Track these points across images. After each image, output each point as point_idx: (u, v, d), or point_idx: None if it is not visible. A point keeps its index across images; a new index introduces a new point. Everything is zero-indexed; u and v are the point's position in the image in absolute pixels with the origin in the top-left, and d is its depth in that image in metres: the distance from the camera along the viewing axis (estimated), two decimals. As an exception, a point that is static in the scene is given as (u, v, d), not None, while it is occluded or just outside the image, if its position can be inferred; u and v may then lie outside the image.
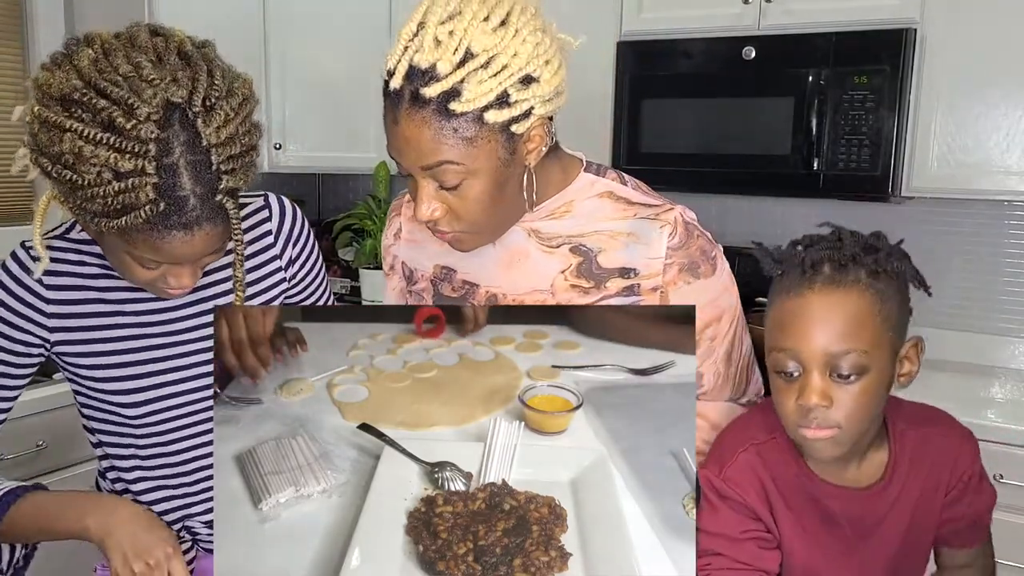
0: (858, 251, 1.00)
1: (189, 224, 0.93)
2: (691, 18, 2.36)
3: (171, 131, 0.90)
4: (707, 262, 1.13)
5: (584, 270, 1.11)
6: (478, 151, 0.98)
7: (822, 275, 0.99)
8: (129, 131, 0.88)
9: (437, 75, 0.94)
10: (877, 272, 0.99)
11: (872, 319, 0.97)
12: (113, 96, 0.89)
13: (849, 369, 0.97)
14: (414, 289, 1.25)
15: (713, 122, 2.34)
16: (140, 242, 0.94)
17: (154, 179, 0.89)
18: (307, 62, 2.82)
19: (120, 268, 1.03)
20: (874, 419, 1.03)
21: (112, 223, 0.91)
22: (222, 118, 0.93)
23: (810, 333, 0.98)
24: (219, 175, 0.93)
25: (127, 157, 0.88)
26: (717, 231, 2.75)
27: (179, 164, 0.91)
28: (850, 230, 1.05)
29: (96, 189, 0.89)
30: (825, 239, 1.04)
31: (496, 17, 0.96)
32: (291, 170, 3.04)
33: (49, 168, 0.91)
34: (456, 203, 1.02)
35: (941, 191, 2.19)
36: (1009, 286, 2.38)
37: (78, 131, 0.88)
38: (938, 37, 2.10)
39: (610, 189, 1.13)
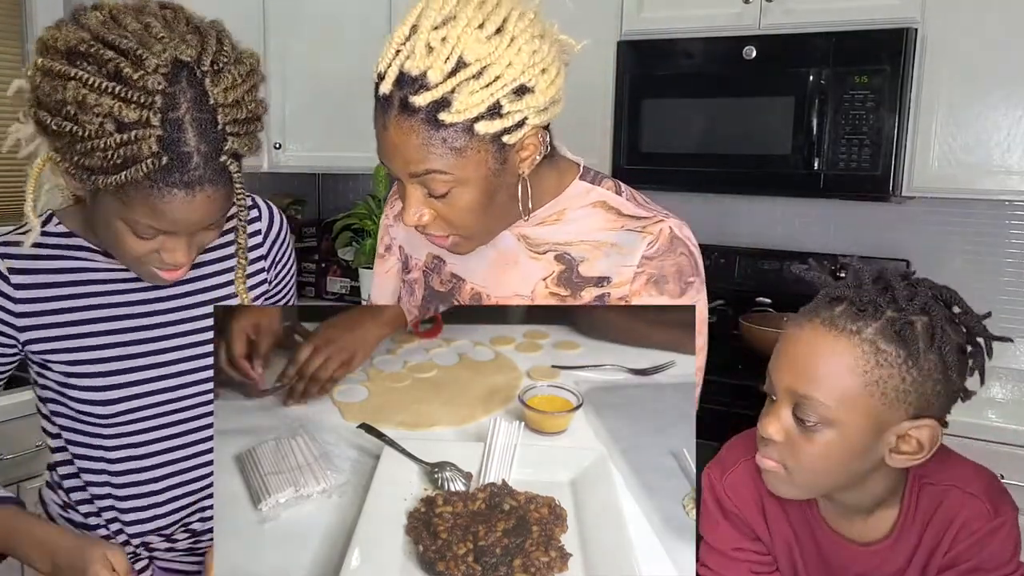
0: (880, 302, 0.90)
1: (191, 183, 0.91)
2: (691, 18, 2.36)
3: (178, 87, 0.88)
4: (678, 282, 1.09)
5: (564, 278, 1.10)
6: (467, 161, 0.95)
7: (828, 312, 0.91)
8: (135, 81, 0.86)
9: (427, 84, 0.91)
10: (900, 339, 0.88)
11: (851, 377, 0.88)
12: (121, 47, 0.87)
13: (809, 416, 0.90)
14: (407, 279, 1.24)
15: (713, 122, 2.34)
16: (138, 203, 0.91)
17: (158, 131, 0.87)
18: (307, 62, 2.82)
19: (112, 240, 0.99)
20: (839, 476, 0.94)
21: (111, 179, 0.88)
22: (230, 80, 0.91)
23: (785, 365, 0.93)
24: (224, 135, 0.91)
25: (132, 107, 0.86)
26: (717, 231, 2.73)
27: (184, 119, 0.89)
28: (907, 278, 0.93)
29: (97, 141, 0.87)
30: (883, 287, 0.93)
31: (491, 24, 0.93)
32: (291, 170, 3.04)
33: (48, 121, 0.89)
34: (445, 210, 1.00)
35: (942, 191, 2.19)
36: (1009, 286, 2.38)
37: (82, 79, 0.86)
38: (938, 37, 2.10)
39: (604, 199, 1.11)
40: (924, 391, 0.89)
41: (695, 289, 1.11)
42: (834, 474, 0.94)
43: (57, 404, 1.12)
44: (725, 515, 1.07)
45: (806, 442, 0.91)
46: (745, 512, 1.06)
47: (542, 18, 1.00)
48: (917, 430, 0.91)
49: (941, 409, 0.92)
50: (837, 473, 0.94)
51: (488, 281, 1.15)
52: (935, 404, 0.90)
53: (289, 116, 2.93)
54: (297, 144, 2.94)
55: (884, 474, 0.96)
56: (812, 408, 0.90)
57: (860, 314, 0.89)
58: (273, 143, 2.93)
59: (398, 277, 1.28)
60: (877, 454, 0.92)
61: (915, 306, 0.89)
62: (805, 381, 0.90)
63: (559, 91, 1.00)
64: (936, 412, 0.91)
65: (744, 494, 1.05)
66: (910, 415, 0.90)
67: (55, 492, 1.19)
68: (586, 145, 2.70)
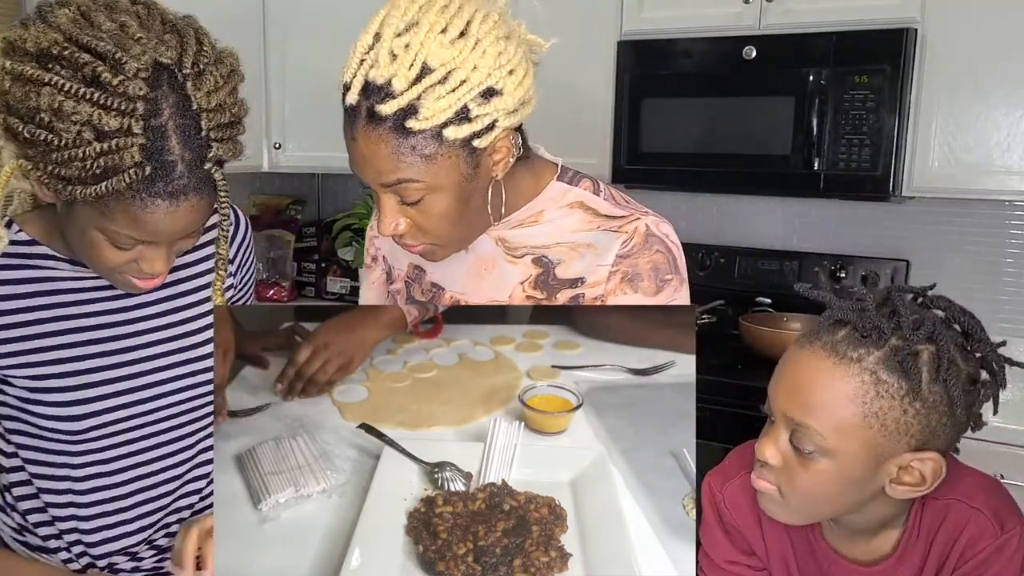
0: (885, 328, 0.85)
1: (175, 193, 0.86)
2: (691, 17, 2.36)
3: (160, 91, 0.83)
4: (653, 279, 1.07)
5: (541, 282, 1.09)
6: (438, 168, 0.94)
7: (830, 337, 0.88)
8: (115, 87, 0.81)
9: (393, 92, 0.90)
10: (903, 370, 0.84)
11: (850, 407, 0.85)
12: (98, 50, 0.82)
13: (805, 444, 0.88)
14: (391, 290, 1.24)
15: (713, 122, 2.34)
16: (119, 213, 0.86)
17: (141, 140, 0.82)
18: (307, 62, 2.81)
19: (87, 250, 0.93)
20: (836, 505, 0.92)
21: (90, 189, 0.83)
22: (212, 83, 0.87)
23: (783, 389, 0.90)
24: (208, 142, 0.87)
25: (112, 115, 0.81)
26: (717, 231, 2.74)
27: (167, 126, 0.84)
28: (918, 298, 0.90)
29: (75, 151, 0.82)
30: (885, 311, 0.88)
31: (455, 28, 0.92)
32: (291, 170, 3.04)
33: (20, 128, 0.83)
34: (419, 218, 0.99)
35: (942, 191, 2.19)
36: (1009, 286, 2.38)
37: (57, 85, 0.81)
38: (938, 37, 2.10)
39: (581, 200, 1.09)
40: (928, 424, 0.86)
41: (672, 287, 1.08)
42: (831, 503, 0.92)
43: (16, 422, 1.05)
44: (722, 527, 1.06)
45: (802, 469, 0.89)
46: (742, 526, 1.04)
47: (508, 19, 0.98)
48: (920, 462, 0.87)
49: (948, 441, 0.88)
50: (834, 502, 0.91)
51: (467, 287, 1.13)
52: (940, 437, 0.87)
53: (289, 116, 2.93)
54: (297, 144, 2.94)
55: (887, 500, 0.92)
56: (808, 436, 0.87)
57: (863, 340, 0.86)
58: (273, 143, 2.93)
59: (384, 287, 1.27)
60: (877, 484, 0.89)
61: (921, 335, 0.85)
62: (802, 408, 0.87)
63: (528, 91, 0.98)
64: (941, 444, 0.88)
65: (743, 507, 1.03)
66: (912, 447, 0.86)
67: (7, 515, 1.12)
68: (586, 145, 2.70)
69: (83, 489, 1.08)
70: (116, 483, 1.09)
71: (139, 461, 1.09)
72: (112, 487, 1.09)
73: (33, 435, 1.05)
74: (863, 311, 0.87)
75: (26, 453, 1.07)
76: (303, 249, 3.18)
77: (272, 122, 2.93)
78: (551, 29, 1.06)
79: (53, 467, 1.07)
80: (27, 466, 1.08)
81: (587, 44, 2.45)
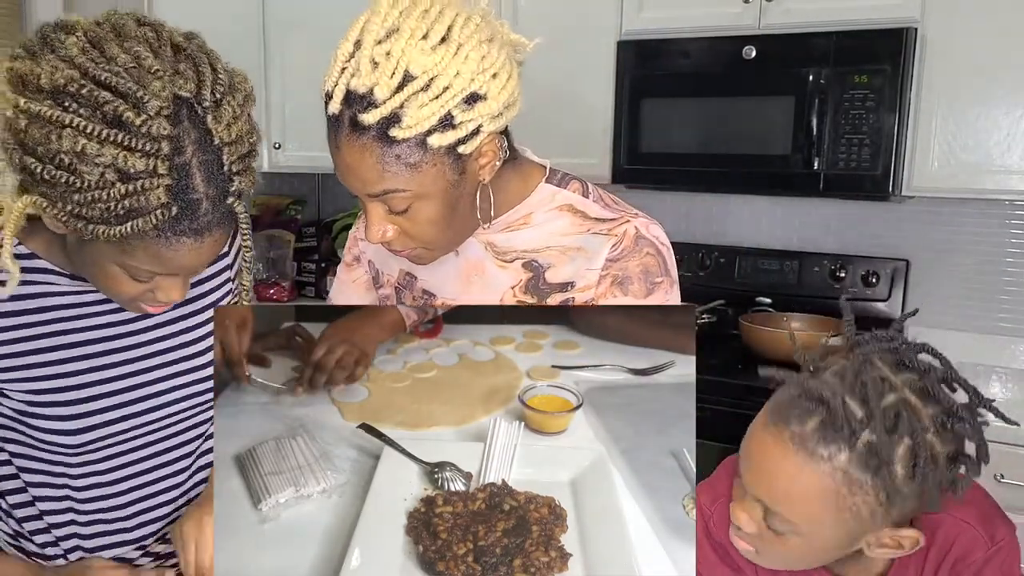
0: (855, 424, 0.80)
1: (200, 230, 0.85)
2: (691, 17, 2.36)
3: (181, 128, 0.82)
4: (643, 282, 1.06)
5: (532, 286, 1.08)
6: (423, 176, 0.94)
7: (799, 428, 0.83)
8: (139, 127, 0.79)
9: (375, 101, 0.90)
10: (876, 471, 0.81)
11: (821, 502, 0.83)
12: (118, 88, 0.79)
13: (778, 526, 0.87)
14: (380, 294, 1.24)
15: (713, 122, 2.34)
16: (141, 251, 0.85)
17: (167, 180, 0.81)
18: (307, 62, 2.81)
19: (102, 281, 0.93)
20: (816, 564, 0.92)
21: (114, 230, 0.82)
22: (231, 114, 0.85)
23: (753, 472, 0.88)
24: (231, 176, 0.86)
25: (138, 156, 0.79)
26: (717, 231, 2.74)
27: (192, 164, 0.83)
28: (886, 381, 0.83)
29: (99, 192, 0.80)
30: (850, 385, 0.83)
31: (436, 34, 0.91)
32: (291, 170, 3.04)
33: (38, 169, 0.80)
34: (407, 225, 0.99)
35: (942, 191, 2.19)
36: (1009, 286, 2.38)
37: (79, 127, 0.78)
38: (938, 37, 2.10)
39: (570, 202, 1.09)
40: (903, 509, 0.84)
41: (663, 290, 1.07)
42: (810, 564, 0.92)
43: (13, 432, 1.03)
44: (711, 543, 1.05)
45: (778, 543, 0.88)
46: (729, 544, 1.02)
47: (490, 20, 0.97)
48: (896, 534, 0.86)
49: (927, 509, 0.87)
50: (813, 564, 0.92)
51: (457, 293, 1.13)
52: (899, 514, 0.85)
53: (289, 116, 2.93)
54: (297, 144, 2.94)
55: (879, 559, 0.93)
56: (780, 520, 0.86)
57: (834, 437, 0.81)
58: (273, 143, 2.93)
59: (366, 288, 1.26)
60: (853, 550, 0.90)
61: (894, 431, 0.81)
62: (772, 498, 0.86)
63: (513, 94, 0.97)
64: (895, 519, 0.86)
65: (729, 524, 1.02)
66: (889, 525, 0.86)
67: (3, 521, 1.10)
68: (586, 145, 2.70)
69: (82, 499, 1.07)
70: (116, 492, 1.08)
71: (139, 471, 1.09)
72: (112, 496, 1.08)
73: (30, 446, 1.04)
74: (835, 397, 0.82)
75: (22, 462, 1.06)
76: (303, 249, 3.19)
77: (272, 122, 2.93)
78: (551, 29, 1.06)
79: (51, 476, 1.06)
80: (23, 475, 1.07)
81: (587, 44, 2.45)
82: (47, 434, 1.02)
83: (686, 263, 2.65)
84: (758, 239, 2.66)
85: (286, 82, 2.90)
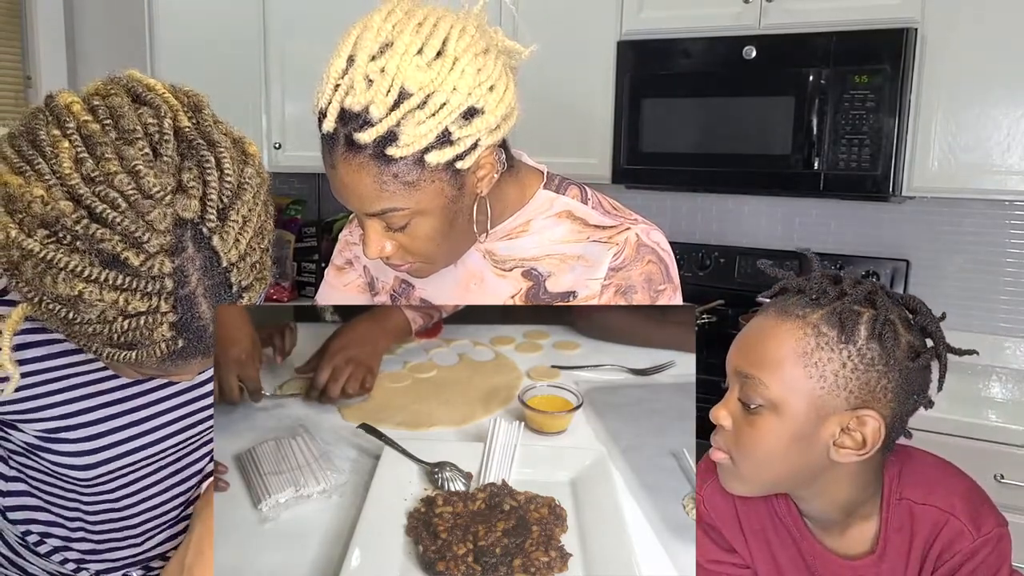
0: (830, 292, 0.92)
1: (208, 350, 0.81)
2: (691, 17, 2.36)
3: (184, 256, 0.74)
4: (647, 291, 1.06)
5: (532, 295, 1.08)
6: (422, 193, 0.93)
7: (782, 303, 0.94)
8: (139, 267, 0.72)
9: (371, 119, 0.88)
10: (841, 324, 0.89)
11: (792, 357, 0.90)
12: (114, 224, 0.72)
13: (752, 397, 0.91)
14: (375, 301, 1.23)
15: (713, 122, 2.34)
16: (148, 368, 0.82)
17: (171, 317, 0.75)
18: (307, 62, 2.81)
19: (115, 368, 0.91)
20: (783, 466, 0.93)
21: (120, 354, 0.78)
22: (239, 226, 0.77)
23: (735, 349, 0.96)
24: (239, 294, 0.80)
25: (138, 296, 0.74)
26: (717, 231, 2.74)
27: (196, 293, 0.76)
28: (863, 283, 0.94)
29: (99, 327, 0.75)
30: (830, 279, 0.95)
31: (431, 48, 0.89)
32: (291, 170, 3.04)
33: (35, 299, 0.76)
34: (406, 241, 0.98)
35: (942, 191, 2.19)
36: (1009, 286, 2.38)
37: (75, 270, 0.72)
38: (938, 37, 2.10)
39: (569, 209, 1.08)
40: (866, 381, 0.89)
41: (667, 297, 1.07)
42: (777, 462, 0.93)
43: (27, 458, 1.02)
44: (702, 527, 1.06)
45: (749, 427, 0.92)
46: (721, 524, 1.05)
47: (485, 29, 0.95)
48: (859, 422, 0.90)
49: (891, 409, 0.90)
50: (781, 462, 0.93)
51: (455, 302, 1.12)
52: (881, 399, 0.90)
53: (289, 116, 2.93)
54: (297, 144, 2.94)
55: (842, 478, 0.94)
56: (754, 388, 0.91)
57: (811, 303, 0.92)
58: (273, 143, 2.94)
59: (358, 292, 1.25)
60: (820, 444, 0.91)
61: (860, 294, 0.91)
62: (749, 360, 0.93)
63: (510, 105, 0.95)
64: (883, 409, 0.90)
65: (720, 506, 1.04)
66: (852, 405, 0.89)
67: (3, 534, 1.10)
68: (586, 145, 2.70)
69: (94, 521, 1.08)
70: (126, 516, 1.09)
71: (148, 495, 1.09)
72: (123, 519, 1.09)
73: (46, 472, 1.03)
74: (811, 279, 0.94)
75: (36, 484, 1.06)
76: (303, 249, 3.19)
77: (272, 122, 2.93)
78: (551, 30, 1.06)
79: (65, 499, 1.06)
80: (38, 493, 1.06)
81: (587, 44, 2.45)
82: (60, 467, 1.01)
83: (686, 263, 2.65)
84: (758, 239, 2.66)
85: (286, 82, 2.90)
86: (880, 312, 0.90)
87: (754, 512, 1.04)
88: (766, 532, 1.04)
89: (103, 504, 1.07)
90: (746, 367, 0.93)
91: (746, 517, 1.04)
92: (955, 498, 0.96)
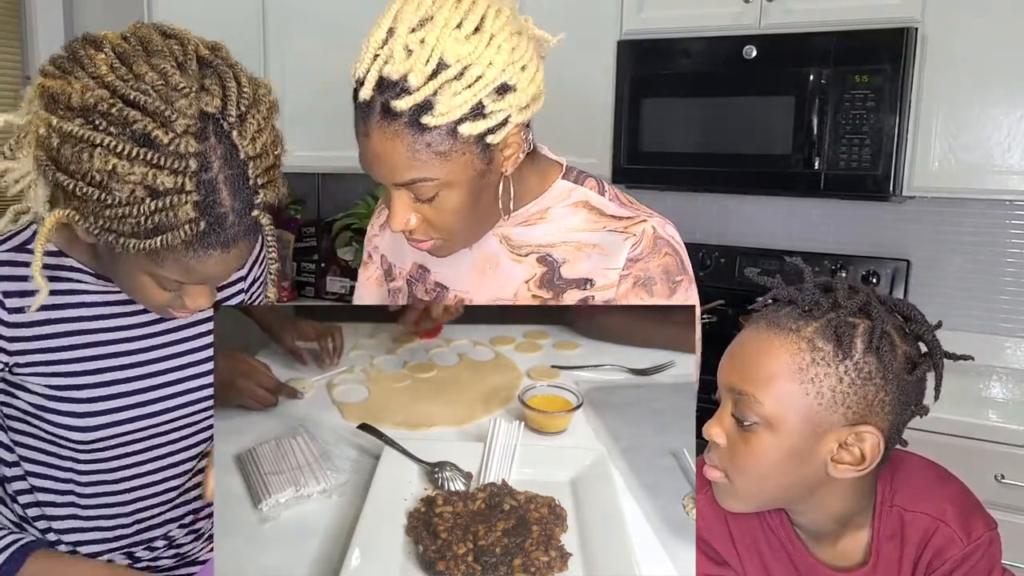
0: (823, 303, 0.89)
1: (227, 242, 0.88)
2: (691, 17, 2.36)
3: (208, 144, 0.84)
4: (666, 283, 1.07)
5: (547, 281, 1.09)
6: (453, 164, 0.94)
7: (774, 315, 0.91)
8: (167, 145, 0.81)
9: (409, 87, 0.90)
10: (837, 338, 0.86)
11: (787, 373, 0.87)
12: (145, 107, 0.82)
13: (747, 415, 0.89)
14: (391, 287, 1.24)
15: (714, 121, 2.34)
16: (170, 262, 0.88)
17: (195, 196, 0.83)
18: (307, 62, 2.82)
19: (131, 288, 0.96)
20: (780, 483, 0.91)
21: (144, 243, 0.84)
22: (255, 127, 0.87)
23: (727, 364, 0.92)
24: (256, 189, 0.88)
25: (166, 173, 0.82)
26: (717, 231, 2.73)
27: (218, 179, 0.85)
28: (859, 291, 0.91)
29: (129, 208, 0.82)
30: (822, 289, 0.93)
31: (469, 23, 0.92)
32: (291, 170, 3.01)
33: (71, 186, 0.83)
34: (431, 214, 0.99)
35: (942, 191, 2.19)
36: (1009, 286, 2.38)
37: (110, 146, 0.81)
38: (939, 37, 2.10)
39: (586, 199, 1.10)
40: (864, 395, 0.87)
41: (684, 288, 1.08)
42: (773, 480, 0.90)
43: (26, 425, 1.06)
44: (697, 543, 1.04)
45: (744, 445, 0.89)
46: (710, 536, 1.03)
47: (517, 15, 0.99)
48: (857, 438, 0.88)
49: (889, 421, 0.89)
50: (777, 479, 0.90)
51: (471, 286, 1.13)
52: (879, 413, 0.87)
53: (289, 116, 2.91)
54: (297, 144, 2.93)
55: (838, 491, 0.92)
56: (748, 406, 0.88)
57: (803, 315, 0.89)
58: (273, 143, 2.93)
59: (378, 285, 1.27)
60: (818, 460, 0.89)
61: (854, 305, 0.88)
62: (742, 377, 0.90)
63: (539, 87, 0.99)
64: (881, 423, 0.88)
65: (709, 517, 1.02)
66: (850, 420, 0.87)
67: (7, 507, 1.13)
68: (586, 145, 2.69)
69: (86, 493, 1.09)
70: (118, 491, 1.10)
71: (142, 471, 1.11)
72: (114, 494, 1.10)
73: (43, 439, 1.06)
74: (804, 290, 0.91)
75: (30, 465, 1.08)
76: (303, 249, 3.18)
77: (272, 122, 2.93)
78: (551, 28, 1.07)
79: (58, 470, 1.08)
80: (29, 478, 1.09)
81: (587, 44, 2.45)
82: (61, 429, 1.04)
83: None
84: (758, 239, 2.66)
85: (286, 82, 2.89)
86: (876, 324, 0.87)
87: (746, 525, 1.02)
88: (758, 545, 1.02)
89: (97, 475, 1.08)
90: (739, 383, 0.90)
91: (738, 530, 1.02)
92: (945, 504, 0.94)
